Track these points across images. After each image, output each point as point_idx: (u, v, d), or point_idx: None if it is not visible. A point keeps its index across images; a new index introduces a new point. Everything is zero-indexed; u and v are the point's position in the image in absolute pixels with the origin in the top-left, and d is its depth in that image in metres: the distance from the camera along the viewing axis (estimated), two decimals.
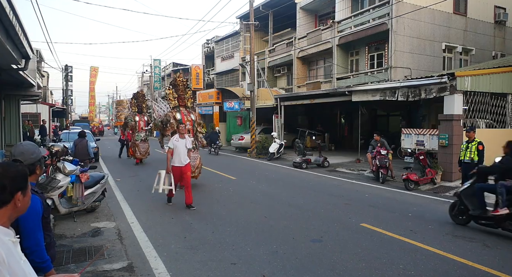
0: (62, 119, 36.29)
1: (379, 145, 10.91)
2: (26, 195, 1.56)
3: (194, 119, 10.24)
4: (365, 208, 7.47)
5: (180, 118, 9.77)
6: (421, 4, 15.67)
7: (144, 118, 15.71)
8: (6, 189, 1.48)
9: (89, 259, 4.65)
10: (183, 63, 44.43)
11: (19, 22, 5.64)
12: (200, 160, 9.94)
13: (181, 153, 7.35)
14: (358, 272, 4.24)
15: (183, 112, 10.01)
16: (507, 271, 4.28)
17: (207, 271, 4.28)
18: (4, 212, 1.48)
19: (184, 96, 10.22)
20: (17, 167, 1.58)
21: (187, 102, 10.34)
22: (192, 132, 9.87)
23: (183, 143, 7.43)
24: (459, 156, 8.16)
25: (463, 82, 10.72)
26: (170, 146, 7.45)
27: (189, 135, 9.60)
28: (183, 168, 7.35)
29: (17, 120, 13.66)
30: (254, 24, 18.83)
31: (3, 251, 1.35)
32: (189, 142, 7.57)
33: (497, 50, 19.37)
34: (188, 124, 9.81)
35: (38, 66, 27.13)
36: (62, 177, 5.99)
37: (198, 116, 10.86)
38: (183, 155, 7.36)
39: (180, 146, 7.37)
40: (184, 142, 7.43)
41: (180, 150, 7.35)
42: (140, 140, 15.02)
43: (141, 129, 15.33)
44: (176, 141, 7.39)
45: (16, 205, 1.51)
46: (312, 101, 16.67)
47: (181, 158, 7.34)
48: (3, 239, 1.40)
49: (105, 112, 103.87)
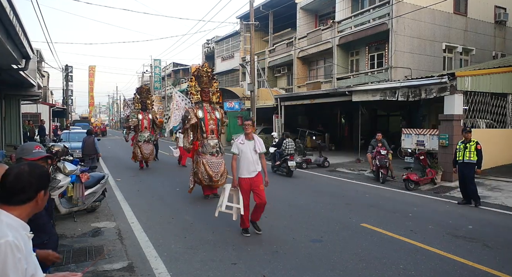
0: (62, 119, 36.32)
1: (380, 145, 10.91)
2: (46, 194, 1.70)
3: (219, 117, 8.60)
4: (365, 208, 7.46)
5: (202, 116, 8.31)
6: (421, 4, 15.67)
7: (148, 116, 13.95)
8: (32, 187, 1.61)
9: (89, 259, 4.65)
10: (183, 63, 44.53)
11: (20, 22, 5.64)
12: (225, 167, 8.32)
13: (249, 159, 5.56)
14: (358, 272, 4.24)
15: (206, 108, 8.45)
16: (507, 271, 4.28)
17: (207, 271, 4.28)
18: (26, 208, 1.62)
19: (209, 89, 8.62)
20: (42, 168, 1.74)
21: (212, 96, 8.74)
22: (217, 133, 8.48)
23: (250, 146, 5.62)
24: (456, 156, 8.04)
25: (464, 82, 10.72)
26: (234, 151, 5.71)
27: (213, 137, 8.36)
28: (253, 180, 5.54)
29: (17, 120, 13.68)
30: (254, 24, 18.83)
31: (22, 242, 1.51)
32: (260, 145, 5.68)
33: (497, 50, 19.38)
34: (212, 123, 8.38)
35: (38, 66, 27.12)
36: (63, 177, 5.99)
37: (223, 113, 9.06)
38: (252, 163, 5.56)
39: (247, 150, 5.58)
40: (252, 145, 5.62)
41: (248, 156, 5.55)
42: (144, 141, 13.39)
43: (144, 129, 13.66)
44: (241, 144, 5.62)
45: (38, 202, 1.65)
46: (312, 101, 16.67)
47: (249, 166, 5.56)
48: (21, 233, 1.55)
49: (105, 112, 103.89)
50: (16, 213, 1.57)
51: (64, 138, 16.20)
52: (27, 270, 1.50)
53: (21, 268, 1.47)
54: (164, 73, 46.89)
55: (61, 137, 16.89)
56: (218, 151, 8.31)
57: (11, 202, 1.57)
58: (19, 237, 1.50)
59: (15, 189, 1.58)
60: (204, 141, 8.24)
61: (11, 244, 1.44)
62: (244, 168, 5.57)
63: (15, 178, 1.59)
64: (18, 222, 1.56)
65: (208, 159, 8.08)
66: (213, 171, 7.99)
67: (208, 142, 8.22)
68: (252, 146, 5.59)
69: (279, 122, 18.70)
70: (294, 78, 22.69)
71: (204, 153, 8.15)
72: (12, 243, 1.44)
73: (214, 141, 8.31)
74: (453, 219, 6.67)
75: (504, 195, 8.66)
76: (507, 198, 8.36)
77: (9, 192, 1.58)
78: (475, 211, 7.36)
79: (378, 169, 10.64)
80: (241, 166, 5.59)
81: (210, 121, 8.36)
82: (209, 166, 8.01)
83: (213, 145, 8.23)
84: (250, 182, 5.52)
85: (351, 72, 19.10)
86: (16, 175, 1.60)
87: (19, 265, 1.45)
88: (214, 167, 8.06)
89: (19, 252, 1.46)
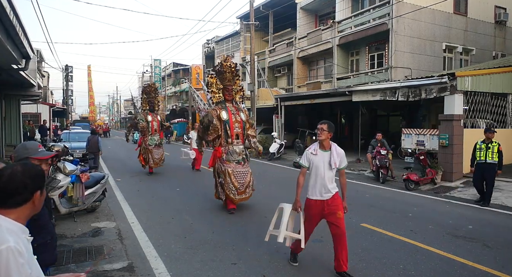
0: (62, 119, 36.37)
1: (380, 145, 10.91)
2: (42, 194, 1.65)
3: (245, 119, 7.46)
4: (365, 208, 7.47)
5: (226, 118, 7.15)
6: (421, 4, 15.66)
7: (157, 118, 12.68)
8: (27, 188, 1.55)
9: (89, 259, 4.65)
10: (183, 63, 44.55)
11: (20, 22, 5.65)
12: (251, 177, 7.27)
13: (321, 176, 4.14)
14: (358, 272, 4.24)
15: (230, 109, 7.30)
16: (507, 271, 4.28)
17: (207, 271, 4.28)
18: (23, 210, 1.57)
19: (232, 87, 7.50)
20: (36, 167, 1.68)
21: (235, 95, 7.62)
22: (242, 137, 7.34)
23: (325, 158, 4.15)
24: (477, 156, 7.96)
25: (464, 82, 10.72)
26: (303, 163, 4.30)
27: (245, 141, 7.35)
28: (327, 204, 4.15)
29: (18, 120, 13.69)
30: (254, 24, 18.85)
31: (23, 246, 1.46)
32: (338, 157, 4.17)
33: (497, 50, 19.37)
34: (237, 126, 7.26)
35: (39, 66, 27.13)
36: (63, 177, 5.99)
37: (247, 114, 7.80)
38: (326, 180, 4.13)
39: (319, 163, 4.15)
40: (328, 157, 4.14)
41: (320, 171, 4.14)
42: (154, 145, 12.15)
43: (154, 131, 12.39)
44: (313, 155, 4.20)
45: (35, 203, 1.60)
46: (312, 101, 16.67)
47: (322, 185, 4.14)
48: (21, 236, 1.50)
49: (105, 112, 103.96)
50: (14, 217, 1.52)
51: (64, 138, 16.22)
52: (31, 275, 1.46)
53: (26, 274, 1.42)
54: (164, 73, 46.94)
55: (61, 137, 16.90)
56: (245, 158, 7.24)
57: (7, 205, 1.52)
58: (20, 242, 1.46)
59: (10, 190, 1.52)
60: (229, 147, 7.13)
61: (13, 250, 1.39)
62: (315, 186, 4.18)
63: (8, 179, 1.52)
64: (16, 225, 1.51)
65: (233, 168, 7.00)
66: (239, 182, 6.93)
67: (233, 149, 7.14)
68: (327, 159, 4.14)
69: (279, 122, 18.70)
70: (294, 78, 22.69)
71: (229, 161, 7.05)
72: (14, 248, 1.40)
73: (240, 147, 7.25)
74: (453, 219, 6.67)
75: (504, 195, 8.66)
76: (507, 198, 8.36)
77: (4, 194, 1.52)
78: (475, 211, 7.37)
79: (378, 169, 10.64)
80: (310, 184, 4.23)
81: (235, 124, 7.23)
82: (235, 176, 6.95)
83: (239, 152, 7.17)
84: (322, 206, 4.16)
85: (351, 72, 19.10)
86: (10, 176, 1.53)
87: (23, 270, 1.41)
88: (239, 177, 6.99)
89: (21, 257, 1.42)
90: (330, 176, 4.17)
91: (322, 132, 4.14)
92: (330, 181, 4.16)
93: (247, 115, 7.63)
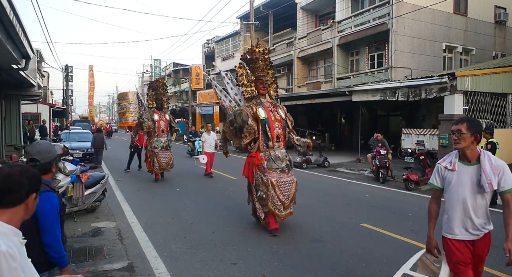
0: (62, 119, 36.37)
1: (380, 145, 10.91)
2: (36, 198, 1.64)
3: (284, 116, 6.13)
4: (365, 208, 7.47)
5: (265, 116, 5.81)
6: (421, 4, 15.67)
7: (165, 117, 11.12)
8: (23, 188, 1.55)
9: (89, 259, 4.65)
10: (183, 63, 44.51)
11: (20, 22, 5.65)
12: (296, 187, 5.98)
13: (465, 203, 2.72)
14: (358, 272, 4.25)
15: (267, 106, 5.97)
16: (507, 271, 4.28)
17: (207, 271, 4.28)
18: (17, 212, 1.54)
19: (265, 79, 6.20)
20: (33, 169, 1.69)
21: (269, 88, 6.32)
22: (283, 139, 6.03)
23: (471, 174, 2.70)
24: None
25: (464, 82, 10.73)
26: (433, 183, 2.92)
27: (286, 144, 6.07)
28: (477, 246, 2.89)
29: (18, 120, 13.69)
30: (254, 24, 18.86)
31: (15, 249, 1.42)
32: (496, 172, 2.63)
33: (497, 50, 19.38)
34: (278, 126, 5.92)
35: (39, 66, 27.14)
36: (63, 177, 5.99)
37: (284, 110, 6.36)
38: (473, 211, 2.74)
39: (460, 182, 2.73)
40: (475, 173, 2.68)
41: (464, 195, 2.71)
42: (161, 148, 10.61)
43: (161, 132, 10.83)
44: (449, 171, 2.78)
45: (28, 206, 1.58)
46: (312, 101, 16.68)
47: (468, 216, 2.76)
48: (13, 239, 1.47)
49: (105, 112, 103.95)
50: (6, 218, 1.49)
51: (64, 138, 16.23)
52: None
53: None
54: (164, 73, 46.89)
55: (61, 137, 16.90)
56: (289, 165, 5.97)
57: (2, 204, 1.51)
58: (12, 245, 1.41)
59: (6, 189, 1.51)
60: (270, 152, 5.84)
61: (4, 254, 1.35)
62: (456, 218, 2.76)
63: (6, 178, 1.52)
64: (8, 228, 1.47)
65: (277, 178, 5.73)
66: (283, 195, 5.69)
67: (276, 154, 5.85)
68: (475, 175, 2.67)
69: None
70: (294, 78, 22.69)
71: (272, 169, 5.77)
72: (6, 252, 1.35)
73: (283, 151, 5.95)
74: None
75: None
76: None
77: (0, 191, 1.51)
78: None
79: (378, 169, 10.64)
80: (449, 215, 2.81)
81: (275, 123, 5.90)
82: (279, 187, 5.68)
83: (282, 157, 5.88)
84: (469, 248, 2.82)
85: (351, 72, 19.10)
86: (7, 175, 1.53)
87: (15, 275, 1.37)
88: (284, 188, 5.73)
89: (14, 261, 1.37)
90: (481, 205, 2.73)
91: (461, 137, 2.70)
92: (479, 211, 2.75)
93: (286, 112, 6.27)
